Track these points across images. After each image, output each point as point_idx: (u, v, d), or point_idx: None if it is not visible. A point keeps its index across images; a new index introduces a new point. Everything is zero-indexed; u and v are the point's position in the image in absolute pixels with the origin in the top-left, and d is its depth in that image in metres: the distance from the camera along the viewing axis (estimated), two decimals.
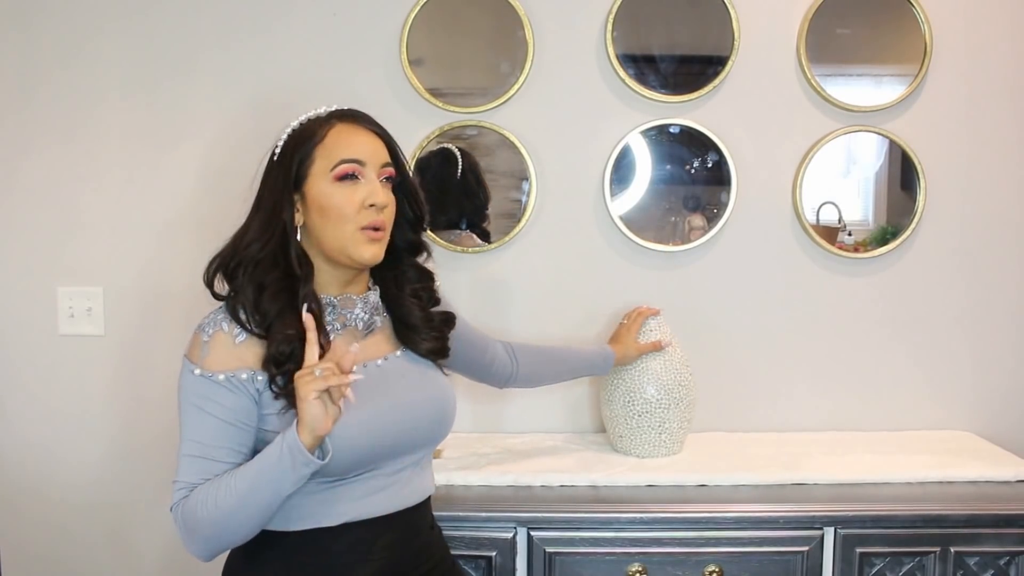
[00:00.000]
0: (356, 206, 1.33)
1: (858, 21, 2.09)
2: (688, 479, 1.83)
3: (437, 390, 1.45)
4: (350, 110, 1.41)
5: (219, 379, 1.29)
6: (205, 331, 1.32)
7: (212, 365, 1.30)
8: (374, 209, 1.34)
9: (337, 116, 1.38)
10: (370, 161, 1.35)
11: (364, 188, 1.34)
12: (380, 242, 1.36)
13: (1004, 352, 2.17)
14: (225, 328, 1.32)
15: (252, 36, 2.10)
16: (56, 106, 2.11)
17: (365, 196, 1.34)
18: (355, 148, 1.35)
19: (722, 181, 2.12)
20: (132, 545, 2.21)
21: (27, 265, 2.15)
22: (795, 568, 1.72)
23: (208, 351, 1.30)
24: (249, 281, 1.33)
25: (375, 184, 1.35)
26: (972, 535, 1.73)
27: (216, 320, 1.33)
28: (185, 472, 1.29)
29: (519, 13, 2.07)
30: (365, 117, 1.40)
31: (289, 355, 1.29)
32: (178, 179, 2.13)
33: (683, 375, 1.94)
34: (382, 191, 1.35)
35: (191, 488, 1.28)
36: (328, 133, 1.35)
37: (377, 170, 1.36)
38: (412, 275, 1.47)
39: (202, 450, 1.28)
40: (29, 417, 2.18)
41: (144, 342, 2.16)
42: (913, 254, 2.14)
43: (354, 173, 1.34)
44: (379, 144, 1.38)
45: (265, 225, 1.35)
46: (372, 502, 1.36)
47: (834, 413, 2.17)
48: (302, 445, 1.21)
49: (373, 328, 1.42)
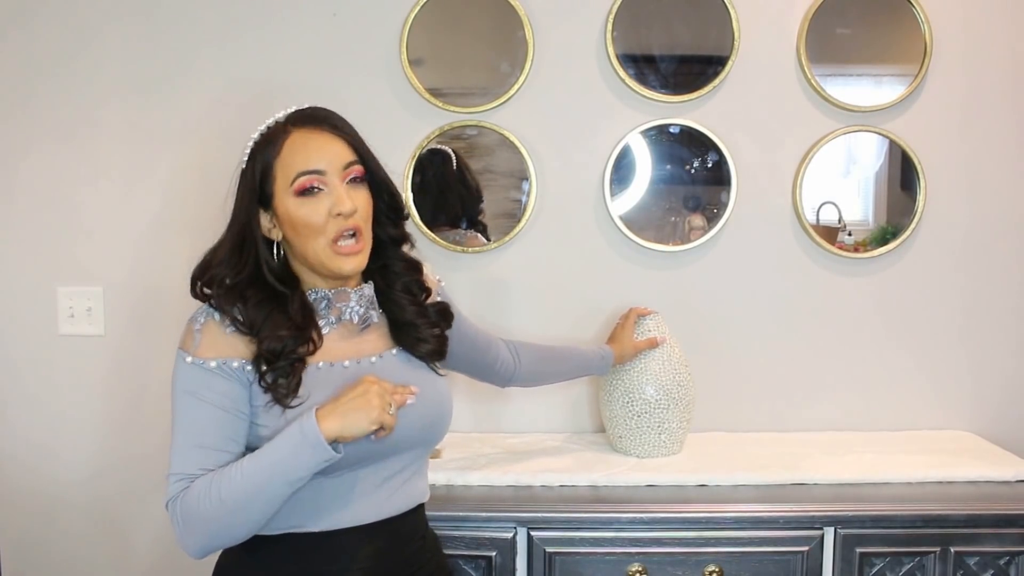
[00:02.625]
0: (323, 218, 1.30)
1: (858, 21, 2.09)
2: (688, 479, 1.83)
3: (433, 392, 1.41)
4: (308, 112, 1.36)
5: (211, 366, 1.28)
6: (197, 320, 1.32)
7: (204, 352, 1.29)
8: (342, 217, 1.30)
9: (293, 121, 1.34)
10: (330, 167, 1.31)
11: (328, 198, 1.30)
12: (359, 253, 1.33)
13: (1004, 352, 2.17)
14: (216, 318, 1.31)
15: (252, 36, 2.10)
16: (56, 106, 2.11)
17: (330, 206, 1.30)
18: (312, 158, 1.31)
19: (722, 181, 2.12)
20: (131, 544, 2.21)
21: (27, 265, 2.15)
22: (795, 568, 1.73)
23: (200, 339, 1.30)
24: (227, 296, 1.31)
25: (339, 191, 1.30)
26: (972, 535, 1.73)
27: (208, 311, 1.32)
28: (180, 464, 1.26)
29: (519, 13, 2.07)
30: (323, 117, 1.35)
31: (280, 353, 1.28)
32: (178, 179, 2.13)
33: (682, 375, 1.94)
34: (347, 197, 1.31)
35: (189, 480, 1.24)
36: (284, 145, 1.32)
37: (340, 174, 1.31)
38: (399, 268, 1.43)
39: (197, 439, 1.26)
40: (29, 417, 2.18)
41: (144, 342, 2.16)
42: (913, 254, 2.14)
43: (315, 185, 1.30)
44: (339, 144, 1.33)
45: (238, 248, 1.33)
46: (359, 508, 1.33)
47: (834, 413, 2.17)
48: (324, 441, 1.20)
49: (369, 323, 1.39)
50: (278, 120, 1.35)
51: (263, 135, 1.34)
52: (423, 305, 1.45)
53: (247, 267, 1.32)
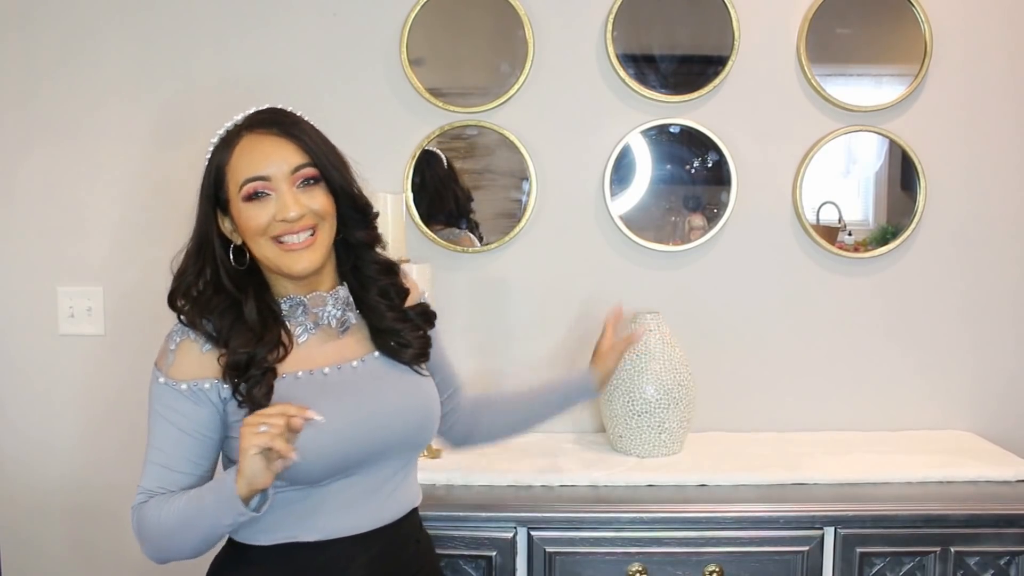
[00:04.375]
0: (265, 225, 1.27)
1: (858, 21, 2.09)
2: (688, 479, 1.83)
3: (419, 393, 1.38)
4: (262, 113, 1.33)
5: (181, 388, 1.27)
6: (172, 339, 1.31)
7: (176, 374, 1.28)
8: (286, 223, 1.27)
9: (247, 126, 1.31)
10: (278, 172, 1.27)
11: (274, 203, 1.28)
12: (308, 248, 1.29)
13: (1004, 352, 2.17)
14: (192, 336, 1.30)
15: (252, 36, 2.10)
16: (56, 106, 2.11)
17: (275, 212, 1.27)
18: (257, 163, 1.28)
19: (722, 181, 2.12)
20: (131, 543, 2.20)
21: (27, 265, 2.15)
22: (795, 568, 1.73)
23: (173, 359, 1.29)
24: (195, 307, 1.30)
25: (285, 197, 1.27)
26: (972, 535, 1.73)
27: (183, 328, 1.31)
28: (146, 478, 1.29)
29: (519, 13, 2.07)
30: (274, 120, 1.31)
31: (248, 363, 1.27)
32: (178, 179, 2.12)
33: (683, 375, 1.94)
34: (295, 202, 1.27)
35: (148, 495, 1.28)
36: (233, 152, 1.29)
37: (288, 178, 1.28)
38: (372, 271, 1.39)
39: (162, 458, 1.28)
40: (29, 417, 2.18)
41: (144, 342, 2.14)
42: (913, 254, 2.14)
43: (260, 191, 1.28)
44: (288, 148, 1.29)
45: (196, 252, 1.33)
46: (352, 516, 1.32)
47: (834, 413, 2.17)
48: (237, 496, 1.17)
49: (348, 325, 1.36)
50: (236, 123, 1.32)
51: (221, 138, 1.32)
52: (402, 309, 1.40)
53: (206, 271, 1.32)
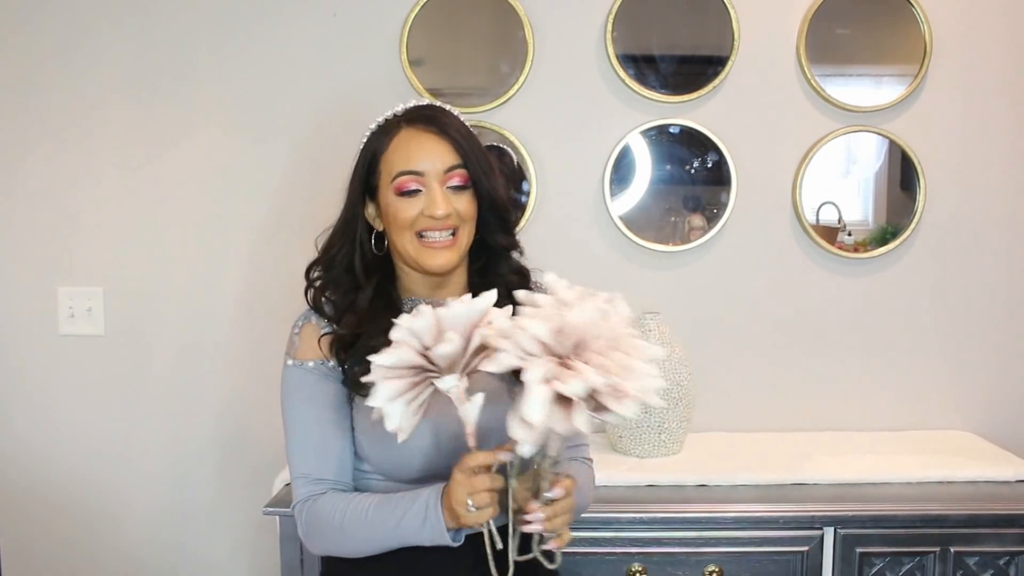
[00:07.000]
0: (413, 218, 1.30)
1: (858, 21, 2.09)
2: (688, 479, 1.83)
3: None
4: (423, 109, 1.36)
5: (309, 366, 1.32)
6: (296, 324, 1.36)
7: (302, 355, 1.33)
8: (433, 219, 1.30)
9: (407, 119, 1.33)
10: (430, 170, 1.30)
11: (424, 199, 1.30)
12: (449, 248, 1.32)
13: (1004, 352, 2.17)
14: (313, 320, 1.35)
15: (252, 36, 2.10)
16: (56, 106, 2.11)
17: (423, 208, 1.30)
18: (413, 158, 1.30)
19: (722, 181, 2.12)
20: (132, 544, 2.21)
21: (27, 265, 2.15)
22: (795, 568, 1.73)
23: (299, 342, 1.34)
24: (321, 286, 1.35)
25: (435, 195, 1.29)
26: (972, 535, 1.73)
27: (306, 315, 1.36)
28: (300, 464, 1.31)
29: (519, 13, 2.07)
30: (434, 117, 1.33)
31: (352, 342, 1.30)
32: (178, 179, 2.13)
33: (683, 375, 1.93)
34: (443, 201, 1.29)
35: (314, 483, 1.29)
36: (391, 143, 1.32)
37: (440, 177, 1.30)
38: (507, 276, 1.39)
39: (309, 441, 1.31)
40: (29, 416, 2.18)
41: (144, 342, 2.16)
42: (913, 254, 2.14)
43: (413, 186, 1.30)
44: (444, 148, 1.31)
45: (341, 230, 1.37)
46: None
47: (834, 413, 2.17)
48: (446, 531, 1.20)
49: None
50: (396, 114, 1.35)
51: (379, 126, 1.35)
52: None
53: (344, 249, 1.36)
